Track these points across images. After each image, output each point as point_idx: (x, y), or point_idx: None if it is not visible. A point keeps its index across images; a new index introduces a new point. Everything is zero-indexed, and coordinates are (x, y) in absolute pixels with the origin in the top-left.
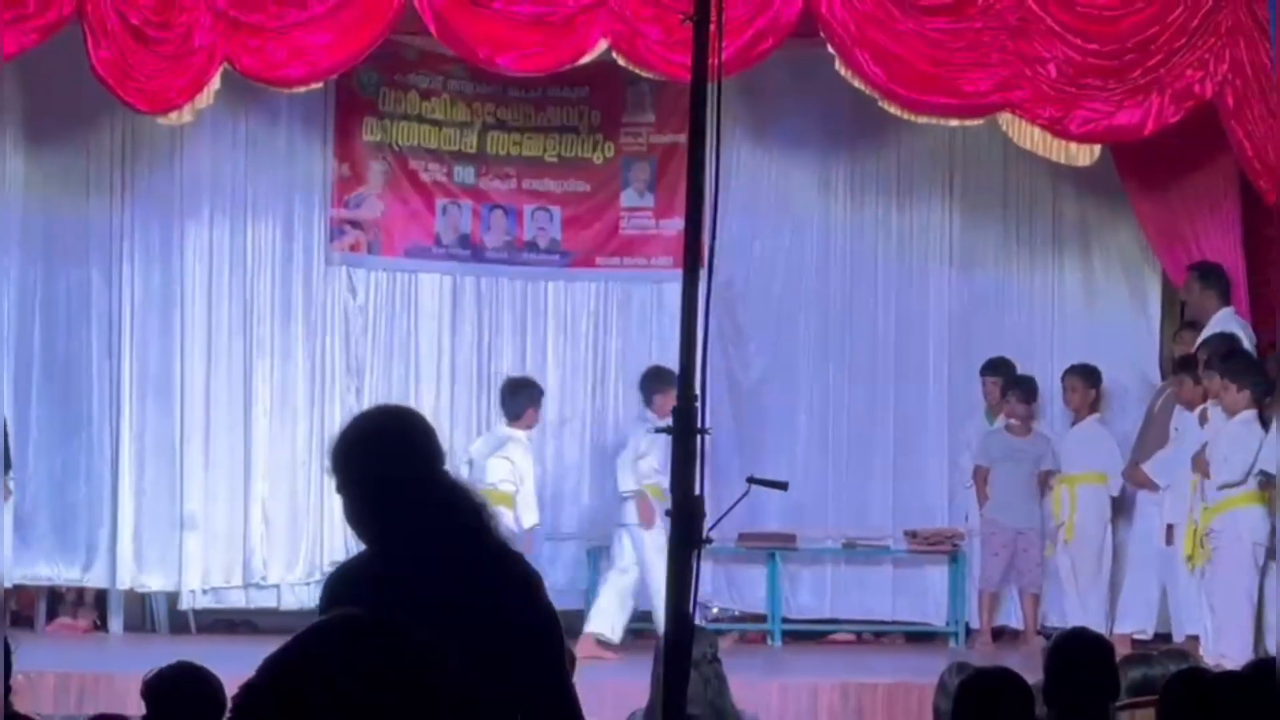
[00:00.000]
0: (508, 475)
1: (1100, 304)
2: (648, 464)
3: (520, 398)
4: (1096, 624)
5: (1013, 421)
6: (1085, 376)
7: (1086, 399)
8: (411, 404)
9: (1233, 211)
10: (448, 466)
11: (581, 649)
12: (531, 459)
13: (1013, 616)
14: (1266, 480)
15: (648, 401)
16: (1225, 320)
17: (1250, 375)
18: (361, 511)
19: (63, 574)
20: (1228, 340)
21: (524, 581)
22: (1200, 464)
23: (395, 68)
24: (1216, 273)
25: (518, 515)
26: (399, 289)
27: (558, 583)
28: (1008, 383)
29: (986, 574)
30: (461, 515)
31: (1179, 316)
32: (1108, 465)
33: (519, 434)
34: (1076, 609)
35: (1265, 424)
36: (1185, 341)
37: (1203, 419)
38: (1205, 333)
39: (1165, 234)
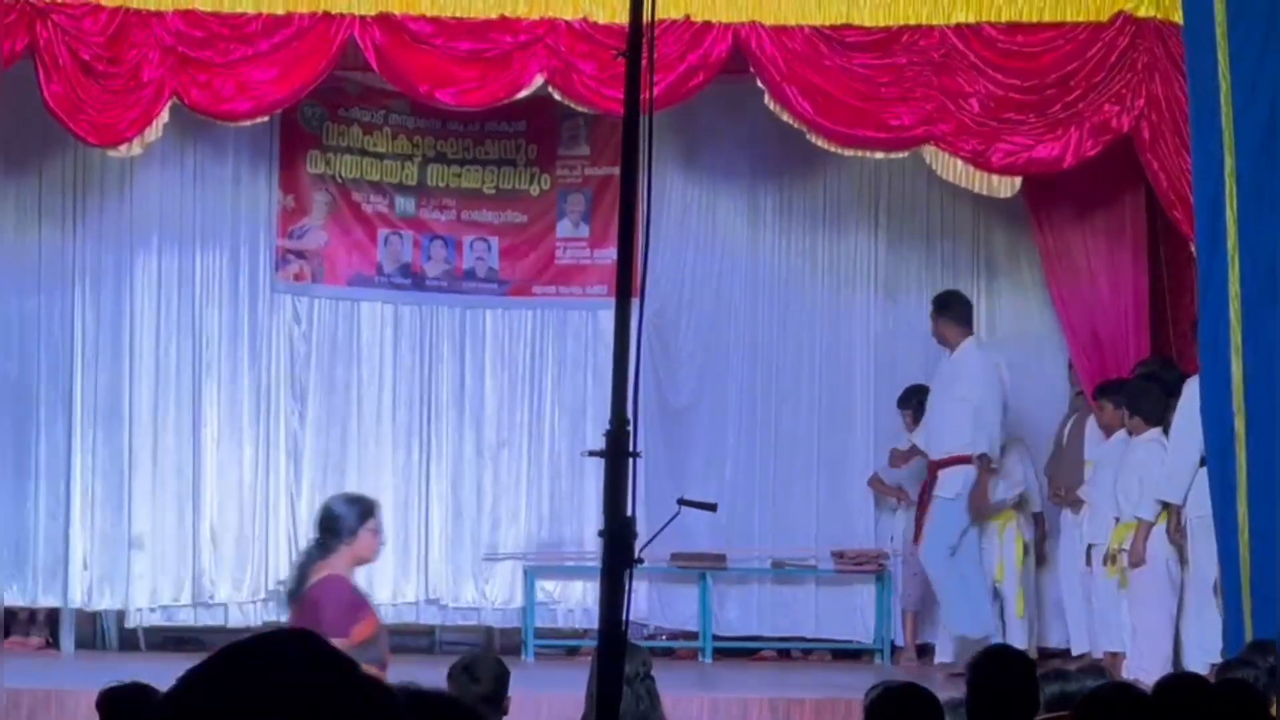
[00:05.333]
0: None
1: (1022, 331)
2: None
3: None
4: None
5: None
6: None
7: None
8: (353, 428)
9: (1140, 241)
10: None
11: None
12: None
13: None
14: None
15: None
16: (969, 350)
17: (1143, 400)
18: None
19: (16, 595)
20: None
21: None
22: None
23: (338, 102)
24: (953, 300)
25: None
26: (342, 317)
27: (496, 600)
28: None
29: (908, 593)
30: None
31: None
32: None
33: None
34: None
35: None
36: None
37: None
38: (956, 361)
39: (1068, 267)
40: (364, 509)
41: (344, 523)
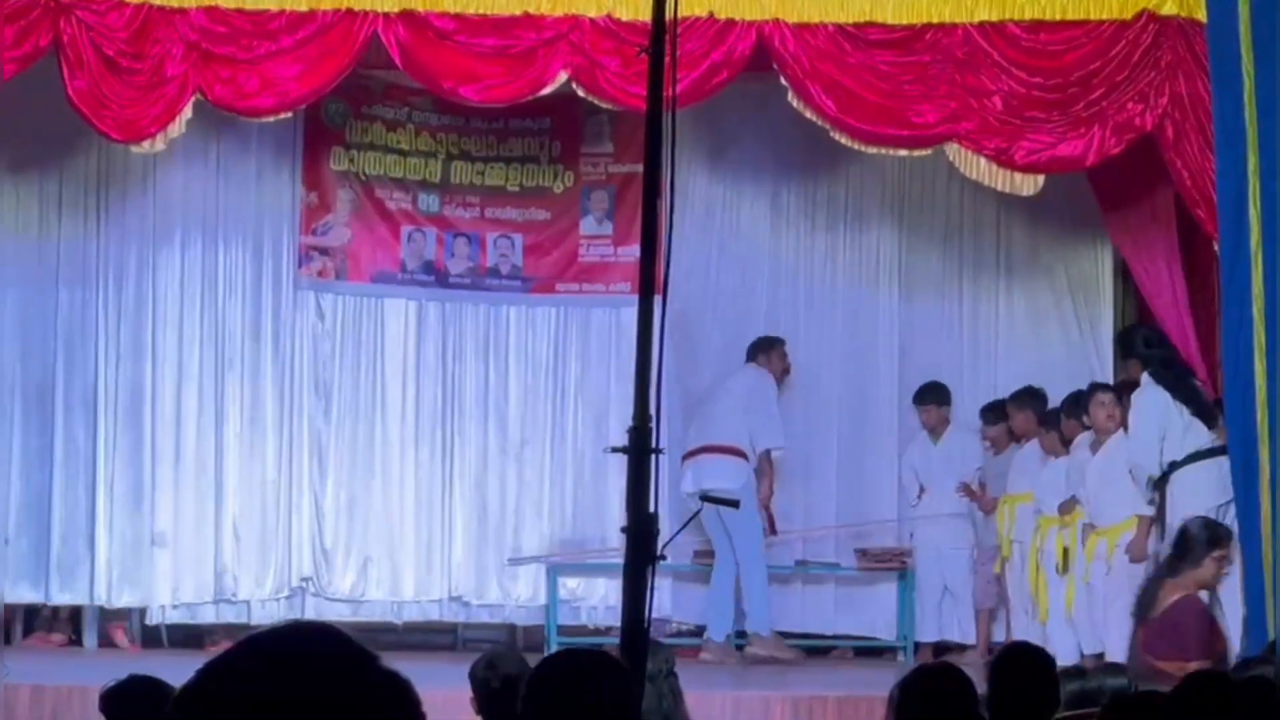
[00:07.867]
0: None
1: (1047, 331)
2: None
3: None
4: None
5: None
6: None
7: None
8: (376, 425)
9: (1172, 239)
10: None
11: None
12: None
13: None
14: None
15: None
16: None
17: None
18: None
19: (36, 593)
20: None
21: None
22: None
23: (362, 99)
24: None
25: None
26: (365, 314)
27: (520, 598)
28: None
29: (983, 592)
30: None
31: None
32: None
33: None
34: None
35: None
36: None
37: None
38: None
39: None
40: (1214, 537)
41: (1195, 546)
